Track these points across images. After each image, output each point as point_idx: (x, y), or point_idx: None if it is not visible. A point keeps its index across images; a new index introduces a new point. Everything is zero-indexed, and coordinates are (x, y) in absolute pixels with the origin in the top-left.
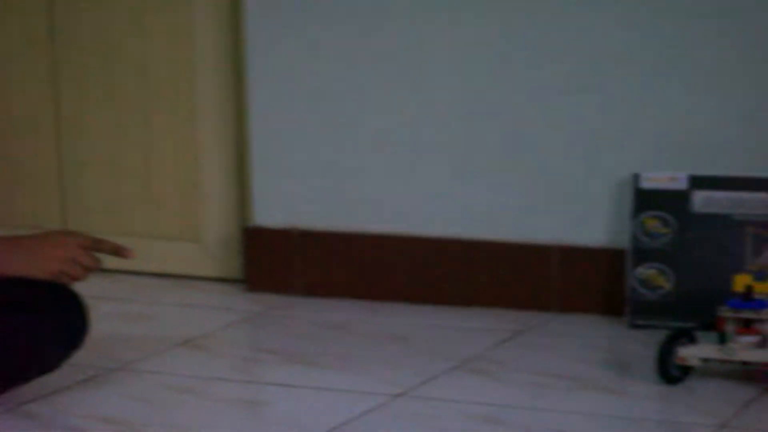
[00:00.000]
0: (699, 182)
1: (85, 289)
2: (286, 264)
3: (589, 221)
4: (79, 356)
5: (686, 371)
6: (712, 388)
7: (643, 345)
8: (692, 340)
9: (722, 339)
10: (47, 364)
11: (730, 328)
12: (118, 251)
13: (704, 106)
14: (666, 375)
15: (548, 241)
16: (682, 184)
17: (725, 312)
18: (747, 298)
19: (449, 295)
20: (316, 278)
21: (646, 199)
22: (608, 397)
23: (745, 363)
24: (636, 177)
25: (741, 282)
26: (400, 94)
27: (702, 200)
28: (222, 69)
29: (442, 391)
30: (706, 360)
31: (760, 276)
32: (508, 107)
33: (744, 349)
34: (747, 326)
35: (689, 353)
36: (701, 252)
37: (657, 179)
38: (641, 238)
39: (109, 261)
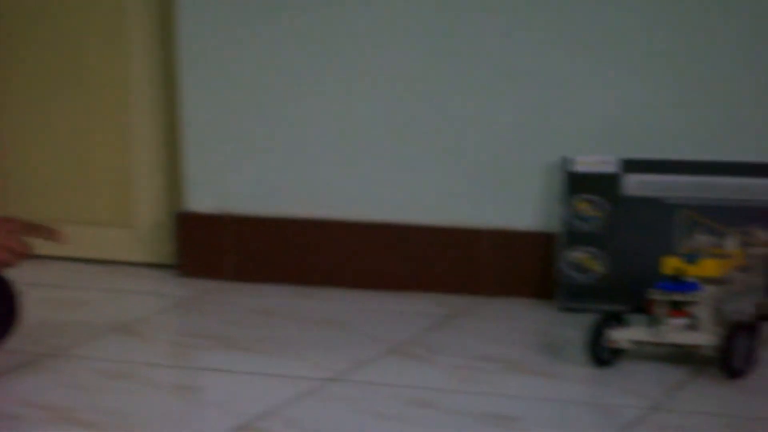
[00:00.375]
0: (630, 166)
1: (17, 275)
2: (219, 249)
3: (521, 205)
4: (12, 343)
5: (617, 354)
6: (643, 370)
7: (575, 328)
8: (622, 323)
9: (652, 322)
10: None
11: (660, 310)
12: (50, 236)
13: (636, 90)
14: (596, 358)
15: (480, 225)
16: (613, 168)
17: (655, 294)
18: (676, 281)
19: (382, 279)
20: (248, 263)
21: (577, 183)
22: (540, 380)
23: (675, 345)
24: (567, 160)
25: (670, 264)
26: (331, 80)
27: (633, 183)
28: (154, 55)
29: (374, 375)
30: (636, 342)
31: (689, 258)
32: (438, 92)
33: (674, 332)
34: (677, 309)
35: (619, 336)
36: (632, 235)
37: (588, 163)
38: (572, 222)
39: (41, 246)
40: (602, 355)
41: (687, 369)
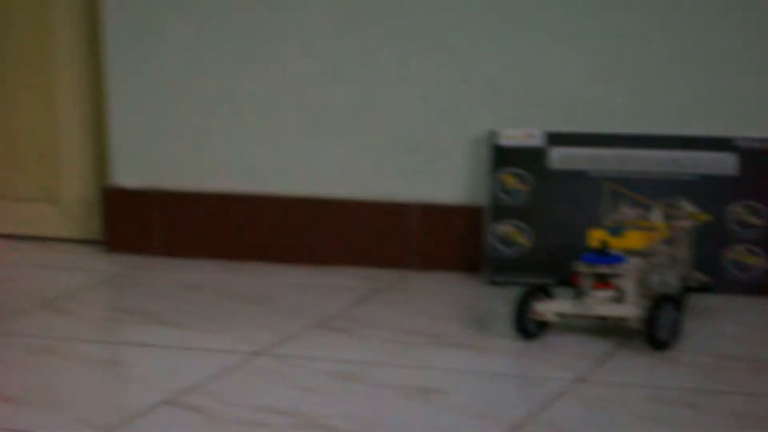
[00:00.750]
0: (555, 139)
1: None
2: (146, 225)
3: (447, 179)
4: None
5: (543, 326)
6: (569, 342)
7: (502, 301)
8: (548, 295)
9: (578, 294)
10: None
11: (585, 283)
12: None
13: (560, 64)
14: (523, 330)
15: (407, 199)
16: (538, 141)
17: (580, 267)
18: (602, 253)
19: (309, 254)
20: (176, 239)
21: (503, 156)
22: (467, 352)
23: (600, 317)
24: (493, 134)
25: (596, 237)
26: (254, 55)
27: (559, 157)
28: (79, 31)
29: (300, 349)
30: (562, 315)
31: (614, 231)
32: (364, 66)
33: (599, 304)
34: (603, 281)
35: (545, 309)
36: (558, 208)
37: (514, 136)
38: (499, 195)
39: None
40: (528, 327)
41: (612, 341)
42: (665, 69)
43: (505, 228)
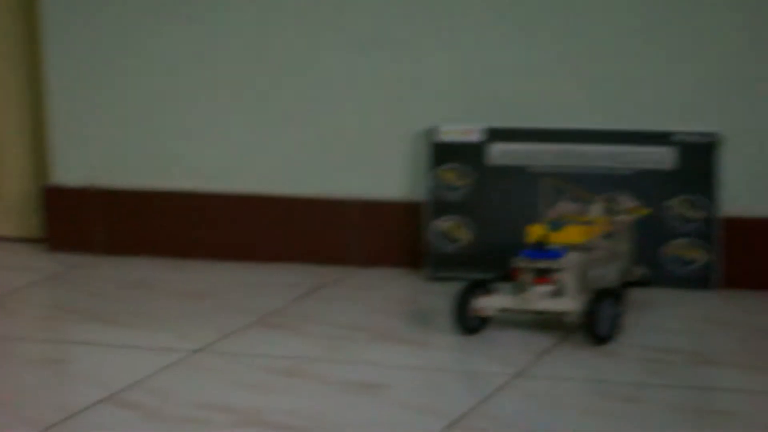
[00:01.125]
0: (494, 134)
1: None
2: (87, 222)
3: (388, 175)
4: None
5: (483, 322)
6: (509, 337)
7: (443, 297)
8: (488, 290)
9: (518, 289)
10: None
11: (525, 278)
12: None
13: (500, 60)
14: (463, 326)
15: (347, 196)
16: (478, 137)
17: (520, 262)
18: (541, 248)
19: (251, 251)
20: (117, 237)
21: (442, 152)
22: (407, 348)
23: (540, 312)
24: (432, 130)
25: (535, 232)
26: (194, 52)
27: (498, 152)
28: (18, 29)
29: (241, 346)
30: (502, 310)
31: (554, 226)
32: (305, 63)
33: (539, 299)
34: (542, 276)
35: (486, 304)
36: (498, 204)
37: (453, 132)
38: (439, 191)
39: None
40: (469, 323)
41: (553, 336)
42: (603, 65)
43: (446, 224)
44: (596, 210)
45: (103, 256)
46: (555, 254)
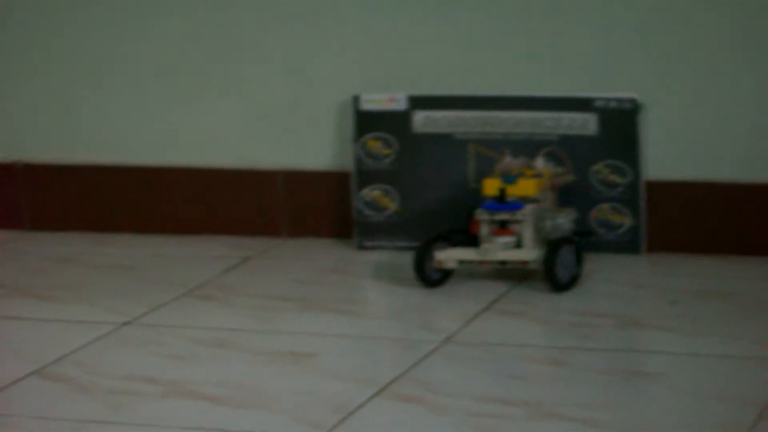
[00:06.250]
0: (418, 102)
1: None
2: (12, 198)
3: (313, 145)
4: None
5: (445, 274)
6: (438, 303)
7: (371, 266)
8: (451, 243)
9: (478, 242)
10: None
11: (485, 230)
12: None
13: (422, 28)
14: (424, 278)
15: (272, 166)
16: (402, 105)
17: (482, 215)
18: (501, 201)
19: (176, 223)
20: (42, 212)
21: (367, 121)
22: (338, 317)
23: (502, 262)
24: (356, 99)
25: (491, 186)
26: (117, 23)
27: (422, 120)
28: None
29: (169, 318)
30: (463, 262)
31: (508, 179)
32: (228, 33)
33: (501, 249)
34: (502, 227)
35: (446, 256)
36: (424, 171)
37: (377, 101)
38: (364, 160)
39: None
40: (430, 276)
41: (478, 301)
42: (524, 30)
43: (372, 193)
44: (540, 163)
45: (29, 232)
46: (515, 206)
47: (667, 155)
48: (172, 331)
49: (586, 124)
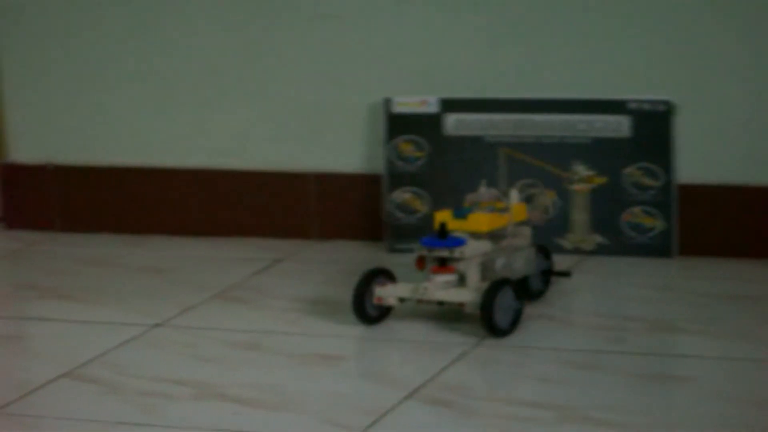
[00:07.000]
0: (450, 105)
1: None
2: (44, 200)
3: (344, 147)
4: None
5: (384, 311)
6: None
7: (401, 268)
8: (390, 278)
9: (420, 278)
10: None
11: (428, 266)
12: None
13: (454, 31)
14: (363, 315)
15: (304, 168)
16: (433, 108)
17: (420, 250)
18: (442, 236)
19: (208, 226)
20: (73, 213)
21: (398, 124)
22: None
23: (439, 302)
24: (387, 101)
25: (437, 219)
26: (148, 27)
27: (454, 123)
28: None
29: (200, 320)
30: (402, 299)
31: (459, 213)
32: (259, 35)
33: (438, 288)
34: (442, 264)
35: (385, 293)
36: (455, 174)
37: (408, 103)
38: (396, 163)
39: None
40: (368, 312)
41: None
42: (558, 33)
43: (404, 195)
44: (514, 197)
45: (60, 234)
46: (454, 242)
47: (699, 158)
48: (202, 333)
49: (620, 126)
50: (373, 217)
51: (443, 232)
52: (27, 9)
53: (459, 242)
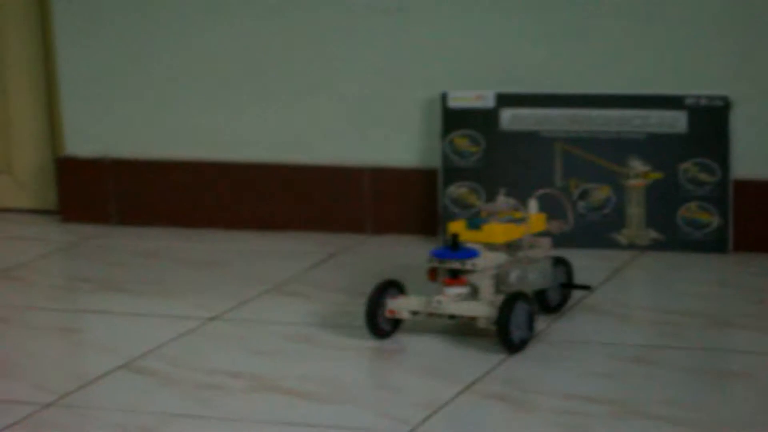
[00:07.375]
0: (506, 100)
1: None
2: (100, 193)
3: (400, 142)
4: None
5: (396, 324)
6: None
7: None
8: (402, 291)
9: (433, 291)
10: None
11: (440, 278)
12: None
13: (511, 26)
14: (375, 329)
15: (360, 163)
16: (489, 103)
17: (432, 262)
18: (454, 248)
19: (264, 220)
20: (130, 207)
21: (454, 119)
22: None
23: (451, 316)
24: (444, 96)
25: (450, 230)
26: (205, 22)
27: (509, 118)
28: (28, 4)
29: (255, 314)
30: (414, 312)
31: (472, 223)
32: (316, 30)
33: (450, 302)
34: (454, 276)
35: (398, 306)
36: (511, 169)
37: (464, 98)
38: (451, 157)
39: None
40: (381, 325)
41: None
42: (614, 29)
43: (459, 190)
44: (533, 207)
45: (116, 227)
46: (466, 254)
47: (755, 154)
48: (257, 326)
49: (676, 122)
50: (427, 212)
51: (455, 243)
52: (82, 5)
53: (471, 254)
